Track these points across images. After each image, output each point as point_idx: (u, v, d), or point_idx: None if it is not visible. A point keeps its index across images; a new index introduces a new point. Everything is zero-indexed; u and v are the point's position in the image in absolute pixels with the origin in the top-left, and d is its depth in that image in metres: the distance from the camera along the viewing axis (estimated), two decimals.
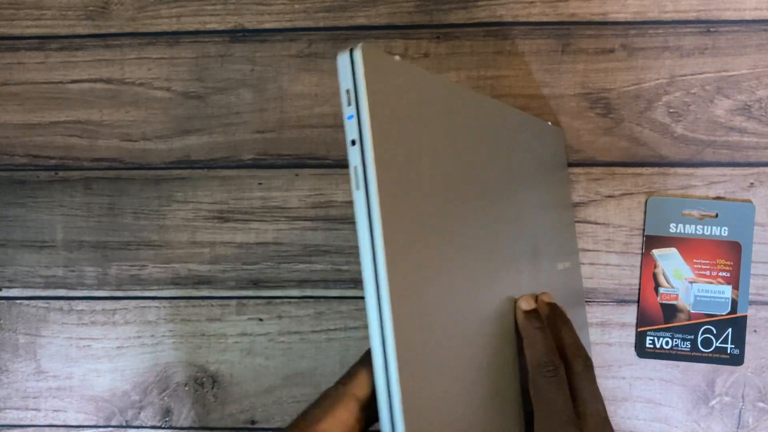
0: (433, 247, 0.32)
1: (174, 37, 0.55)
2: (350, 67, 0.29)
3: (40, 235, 0.57)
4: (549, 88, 0.53)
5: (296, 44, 0.55)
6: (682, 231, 0.53)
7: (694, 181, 0.53)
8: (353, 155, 0.29)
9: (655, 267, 0.53)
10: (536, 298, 0.41)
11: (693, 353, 0.52)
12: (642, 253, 0.54)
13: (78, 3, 0.56)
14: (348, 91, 0.29)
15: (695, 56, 0.53)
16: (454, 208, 0.35)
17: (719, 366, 0.52)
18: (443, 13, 0.54)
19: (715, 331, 0.52)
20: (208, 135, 0.55)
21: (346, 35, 0.54)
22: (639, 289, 0.53)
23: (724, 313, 0.52)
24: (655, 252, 0.53)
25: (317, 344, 0.55)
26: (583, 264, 0.53)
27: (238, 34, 0.55)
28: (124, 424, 0.56)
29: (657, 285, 0.53)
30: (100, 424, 0.56)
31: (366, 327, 0.38)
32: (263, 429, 0.55)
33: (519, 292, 0.40)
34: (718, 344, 0.52)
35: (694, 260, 0.53)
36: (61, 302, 0.57)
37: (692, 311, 0.52)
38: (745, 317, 0.52)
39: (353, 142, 0.29)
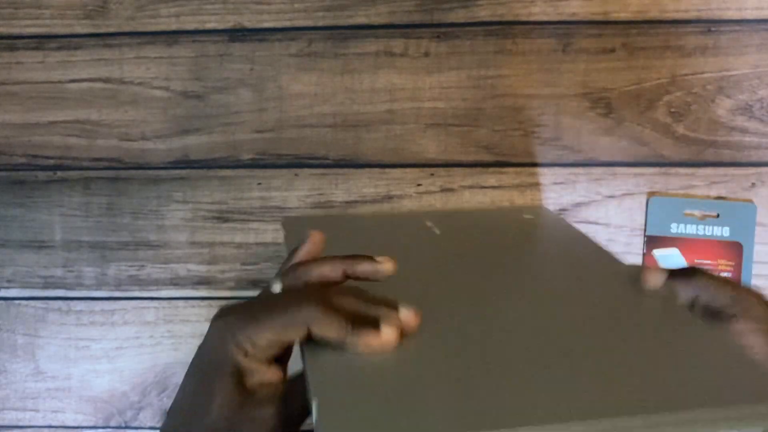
0: None
1: (173, 36, 0.55)
2: None
3: (39, 235, 0.56)
4: (550, 87, 0.53)
5: (296, 43, 0.54)
6: (684, 231, 0.53)
7: (695, 181, 0.53)
8: None
9: None
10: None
11: None
12: (643, 254, 0.53)
13: (77, 2, 0.56)
14: None
15: (696, 56, 0.52)
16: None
17: None
18: (443, 12, 0.53)
19: None
20: (207, 135, 0.55)
21: (345, 34, 0.54)
22: None
23: None
24: (657, 252, 0.53)
25: None
26: None
27: (237, 34, 0.55)
28: (123, 425, 0.56)
29: None
30: (99, 424, 0.56)
31: None
32: None
33: None
34: None
35: (696, 260, 0.53)
36: (60, 303, 0.56)
37: None
38: None
39: None
